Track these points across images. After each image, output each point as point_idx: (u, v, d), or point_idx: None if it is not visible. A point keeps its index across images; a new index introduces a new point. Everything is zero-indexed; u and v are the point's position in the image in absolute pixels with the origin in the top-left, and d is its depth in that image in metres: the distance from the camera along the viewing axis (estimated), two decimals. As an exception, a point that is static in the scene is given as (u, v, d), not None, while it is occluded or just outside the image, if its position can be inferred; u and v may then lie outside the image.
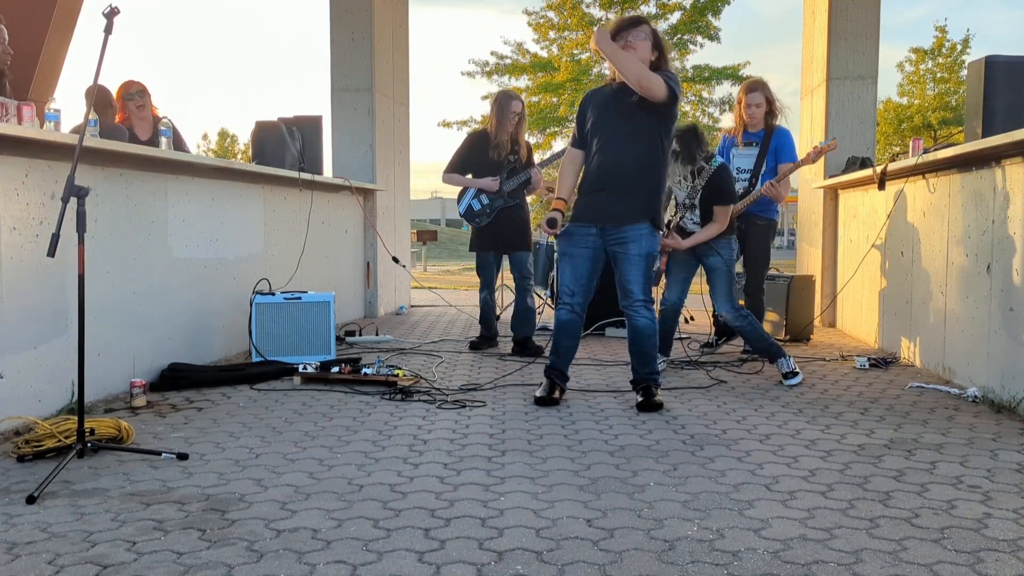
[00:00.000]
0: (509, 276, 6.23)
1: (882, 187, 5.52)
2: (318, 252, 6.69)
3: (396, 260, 7.64)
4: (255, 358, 5.11)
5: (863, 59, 7.28)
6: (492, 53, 23.65)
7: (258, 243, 5.72)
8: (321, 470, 3.07)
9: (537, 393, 4.26)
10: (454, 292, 11.59)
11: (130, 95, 5.40)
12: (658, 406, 4.06)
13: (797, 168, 5.72)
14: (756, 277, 5.71)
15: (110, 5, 3.05)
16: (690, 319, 7.37)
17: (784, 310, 6.36)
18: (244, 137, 52.89)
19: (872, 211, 6.21)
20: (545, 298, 7.80)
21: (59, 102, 4.08)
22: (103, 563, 2.23)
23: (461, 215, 5.87)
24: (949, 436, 3.56)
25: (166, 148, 4.63)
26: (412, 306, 9.13)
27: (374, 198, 7.91)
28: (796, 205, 8.53)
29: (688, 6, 20.85)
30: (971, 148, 4.23)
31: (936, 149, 4.91)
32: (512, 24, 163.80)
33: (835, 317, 7.19)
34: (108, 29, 3.04)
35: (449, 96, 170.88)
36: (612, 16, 21.05)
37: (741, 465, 3.13)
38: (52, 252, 2.85)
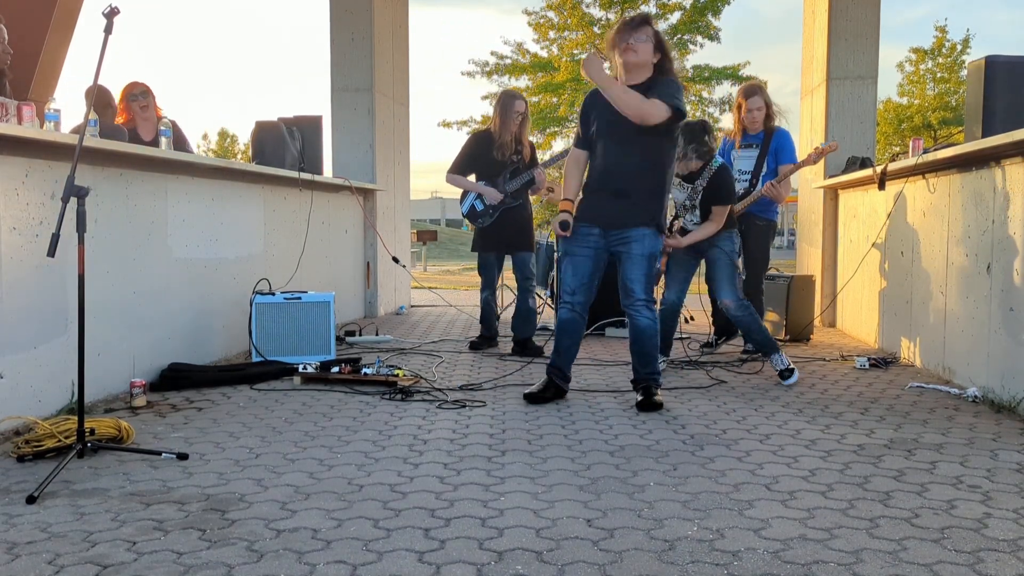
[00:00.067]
0: (509, 276, 6.23)
1: (882, 187, 5.52)
2: (318, 252, 6.69)
3: (396, 260, 7.65)
4: (255, 358, 5.12)
5: (863, 59, 7.28)
6: (492, 53, 23.70)
7: (258, 243, 5.72)
8: (321, 470, 3.07)
9: (526, 390, 4.28)
10: (454, 292, 11.59)
11: (134, 96, 5.41)
12: (658, 406, 4.06)
13: (798, 169, 5.73)
14: (755, 277, 5.72)
15: (110, 5, 3.05)
16: (690, 319, 7.37)
17: (784, 310, 6.36)
18: (244, 137, 53.03)
19: (872, 211, 6.21)
20: (545, 298, 7.80)
21: (59, 102, 4.06)
22: (103, 563, 2.23)
23: (464, 215, 5.87)
24: (949, 436, 3.56)
25: (166, 148, 4.63)
26: (412, 306, 9.13)
27: (374, 198, 7.91)
28: (796, 205, 8.53)
29: (688, 6, 20.87)
30: (971, 148, 4.23)
31: (936, 149, 4.91)
32: (512, 24, 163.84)
33: (835, 317, 7.19)
34: (108, 29, 3.04)
35: (449, 96, 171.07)
36: (612, 16, 21.07)
37: (741, 465, 3.13)
38: (52, 252, 2.85)
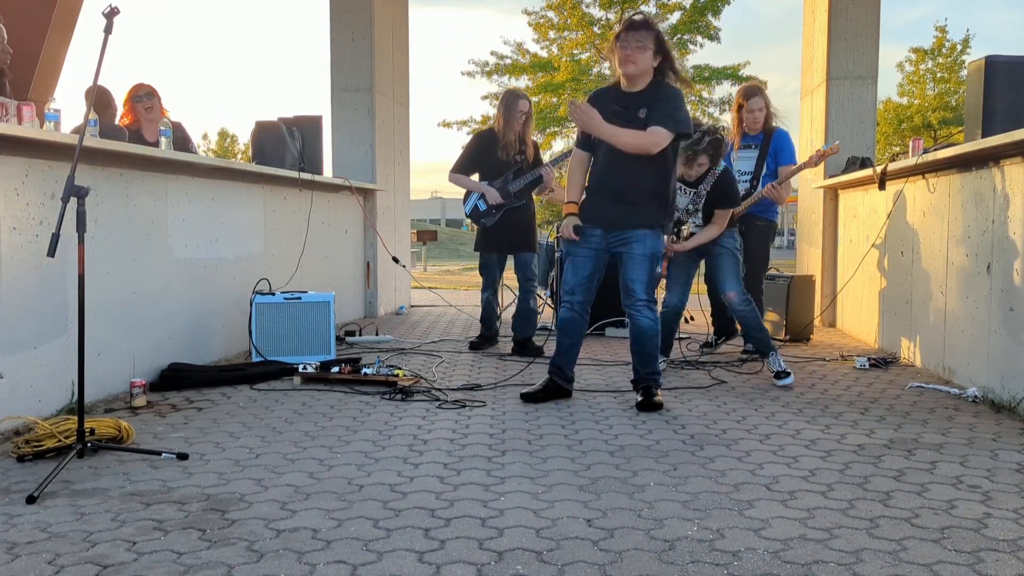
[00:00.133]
0: (509, 276, 6.23)
1: (882, 187, 5.52)
2: (318, 252, 6.69)
3: (396, 260, 7.65)
4: (255, 358, 5.12)
5: (863, 59, 7.28)
6: (492, 53, 23.74)
7: (258, 243, 5.72)
8: (321, 470, 3.07)
9: (524, 390, 4.29)
10: (454, 292, 11.59)
11: (139, 97, 5.42)
12: (658, 406, 4.06)
13: (799, 171, 5.73)
14: (755, 278, 5.72)
15: (110, 5, 3.05)
16: (690, 319, 7.37)
17: (784, 310, 6.36)
18: (244, 137, 53.11)
19: (872, 211, 6.21)
20: (545, 298, 7.79)
21: (59, 102, 4.06)
22: (103, 563, 2.23)
23: (467, 215, 5.86)
24: (949, 436, 3.56)
25: (166, 148, 4.63)
26: (412, 306, 9.13)
27: (374, 198, 7.91)
28: (796, 205, 8.53)
29: (688, 6, 20.89)
30: (971, 148, 4.23)
31: (936, 149, 4.91)
32: (512, 24, 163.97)
33: (835, 317, 7.19)
34: (108, 29, 3.04)
35: (449, 96, 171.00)
36: (612, 16, 21.08)
37: (741, 465, 3.13)
38: (52, 252, 2.85)
